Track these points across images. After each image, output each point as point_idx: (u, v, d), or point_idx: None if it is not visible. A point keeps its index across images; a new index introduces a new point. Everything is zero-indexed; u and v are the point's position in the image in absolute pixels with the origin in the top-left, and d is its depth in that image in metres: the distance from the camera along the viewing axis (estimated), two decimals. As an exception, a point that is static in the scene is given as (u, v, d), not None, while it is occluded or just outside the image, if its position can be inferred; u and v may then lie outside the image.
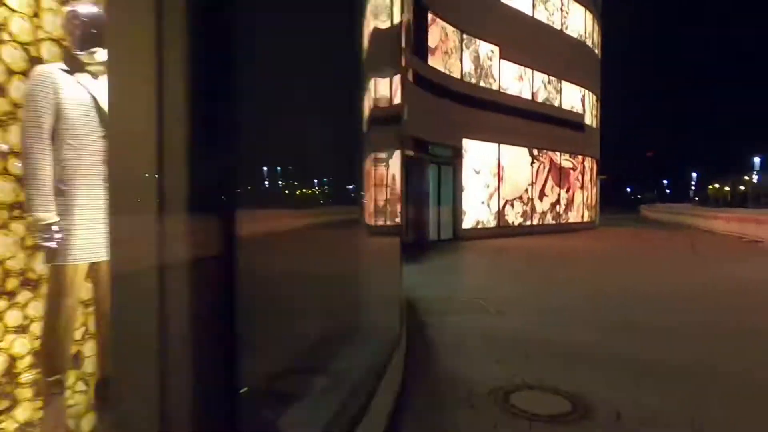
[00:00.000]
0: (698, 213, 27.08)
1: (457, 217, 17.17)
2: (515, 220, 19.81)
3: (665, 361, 4.38)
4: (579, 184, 23.66)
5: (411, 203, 14.45)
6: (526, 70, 20.01)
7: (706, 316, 6.14)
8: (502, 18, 18.72)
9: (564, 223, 22.54)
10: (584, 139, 23.80)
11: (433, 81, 15.36)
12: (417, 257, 12.06)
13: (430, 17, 15.26)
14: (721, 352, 4.70)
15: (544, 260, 12.55)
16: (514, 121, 19.38)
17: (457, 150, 17.06)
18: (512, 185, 19.57)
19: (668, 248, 16.03)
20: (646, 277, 9.49)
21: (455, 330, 5.42)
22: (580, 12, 23.17)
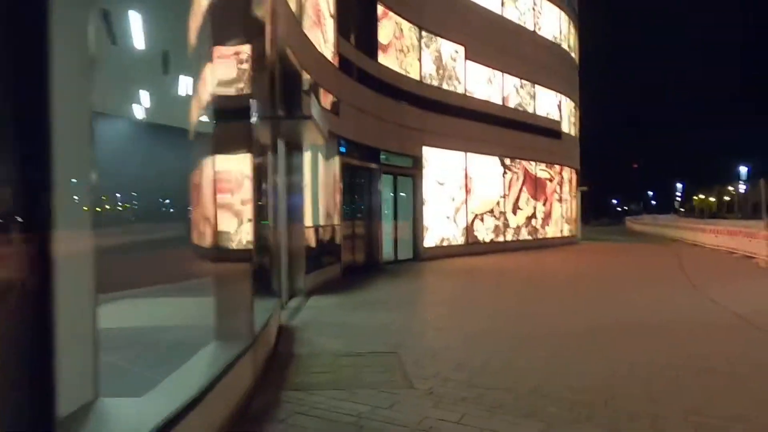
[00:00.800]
0: (685, 225, 25.55)
1: (418, 234, 15.35)
2: (486, 237, 18.03)
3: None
4: (557, 196, 22.01)
5: (354, 218, 12.60)
6: (496, 72, 18.42)
7: (709, 390, 4.33)
8: (468, 16, 17.15)
9: (541, 239, 20.81)
10: (562, 148, 22.22)
11: (385, 81, 13.64)
12: (354, 284, 10.18)
13: (381, 10, 13.60)
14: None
15: (511, 285, 10.74)
16: (483, 127, 17.72)
17: (417, 159, 15.31)
18: (482, 198, 17.83)
19: (653, 267, 14.33)
20: (629, 310, 7.70)
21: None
22: (555, 13, 21.75)
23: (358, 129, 12.27)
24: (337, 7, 11.10)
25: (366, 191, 13.26)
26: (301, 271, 8.64)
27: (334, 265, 10.84)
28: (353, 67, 11.99)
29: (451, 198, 16.52)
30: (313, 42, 9.63)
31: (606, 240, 27.45)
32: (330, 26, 10.84)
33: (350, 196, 12.45)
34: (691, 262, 14.78)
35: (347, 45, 11.68)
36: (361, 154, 12.75)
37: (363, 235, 12.92)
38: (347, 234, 11.95)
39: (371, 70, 13.02)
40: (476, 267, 14.03)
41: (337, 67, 11.03)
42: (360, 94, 12.41)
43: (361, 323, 6.61)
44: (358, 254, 12.61)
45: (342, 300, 8.50)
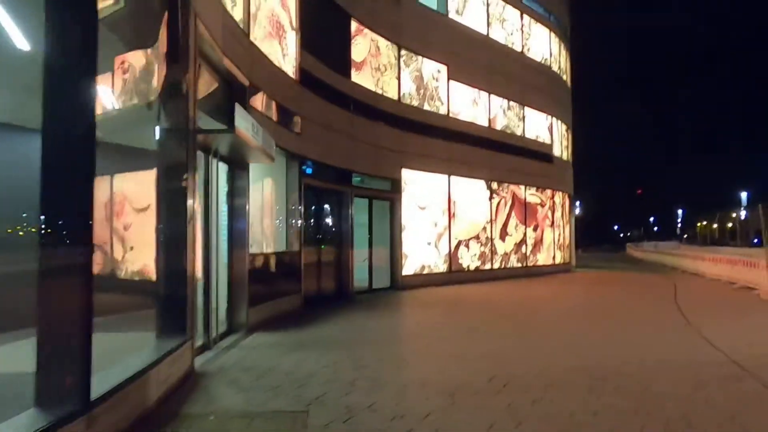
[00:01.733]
0: (684, 253, 24.55)
1: (396, 262, 14.43)
2: (471, 264, 17.09)
3: None
4: (549, 222, 21.12)
5: (320, 244, 11.72)
6: (482, 93, 17.77)
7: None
8: (451, 35, 16.59)
9: (532, 266, 19.84)
10: (553, 172, 21.43)
11: (358, 100, 12.94)
12: (313, 318, 9.24)
13: (355, 26, 13.00)
14: None
15: (487, 320, 9.77)
16: (468, 149, 16.98)
17: (395, 182, 14.51)
18: (467, 223, 16.96)
19: (647, 300, 13.33)
20: (611, 352, 6.73)
21: None
22: (544, 34, 21.25)
23: (326, 149, 11.51)
24: (302, 21, 10.47)
25: (335, 215, 12.43)
26: (242, 304, 7.74)
27: (292, 296, 9.92)
28: (321, 83, 11.29)
29: (432, 223, 15.66)
30: (266, 54, 8.93)
31: (603, 268, 26.40)
32: (292, 40, 10.18)
33: (316, 221, 11.62)
34: (688, 293, 13.78)
35: (313, 60, 11.01)
36: (329, 175, 11.97)
37: (331, 263, 12.03)
38: (311, 261, 11.06)
39: (343, 88, 12.34)
40: (456, 297, 13.07)
41: (298, 83, 10.33)
42: (329, 113, 11.69)
43: (290, 368, 5.68)
44: (325, 283, 11.69)
45: (286, 337, 7.56)
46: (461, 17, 17.04)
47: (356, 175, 13.22)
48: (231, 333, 7.56)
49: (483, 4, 17.97)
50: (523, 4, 19.89)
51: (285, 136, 9.85)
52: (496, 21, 18.54)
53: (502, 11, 18.82)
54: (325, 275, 11.69)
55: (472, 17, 17.45)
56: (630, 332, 8.19)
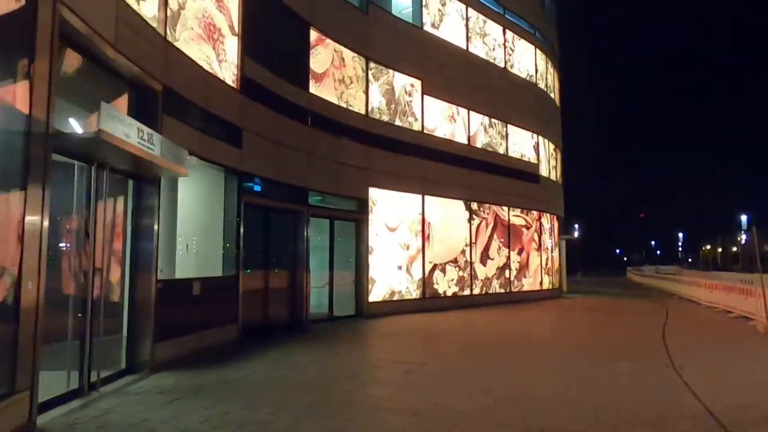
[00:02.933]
0: (681, 278, 23.33)
1: (362, 287, 13.36)
2: (448, 289, 15.97)
3: None
4: (535, 245, 20.02)
5: (267, 268, 10.67)
6: (460, 109, 16.92)
7: None
8: (425, 48, 15.82)
9: (517, 292, 18.68)
10: (540, 193, 20.44)
11: (318, 113, 12.07)
12: (245, 352, 8.18)
13: (315, 36, 12.20)
14: None
15: (443, 355, 8.68)
16: (445, 168, 16.04)
17: (362, 201, 13.54)
18: (443, 246, 15.91)
19: (632, 332, 12.18)
20: (575, 400, 5.64)
21: None
22: (529, 50, 20.51)
23: (276, 165, 10.59)
24: (246, 26, 9.66)
25: (288, 236, 11.42)
26: (145, 338, 6.70)
27: (225, 327, 8.87)
28: (270, 94, 10.43)
29: (404, 245, 14.62)
30: (194, 58, 8.08)
31: (596, 294, 25.17)
32: (232, 45, 9.35)
33: (262, 243, 10.61)
34: (679, 325, 12.61)
35: (261, 69, 10.16)
36: (280, 193, 11.02)
37: (281, 289, 10.98)
38: (254, 287, 10.03)
39: (298, 100, 11.47)
40: (427, 327, 11.98)
41: (239, 92, 9.46)
42: (281, 126, 10.81)
43: (157, 424, 4.62)
44: (274, 311, 10.62)
45: (192, 379, 6.49)
46: (437, 30, 16.31)
47: (315, 194, 12.27)
48: (129, 373, 6.51)
49: (462, 18, 17.26)
50: (506, 18, 19.20)
51: (220, 149, 8.94)
52: (476, 35, 17.81)
53: (483, 25, 18.11)
54: (273, 302, 10.64)
55: (449, 31, 16.72)
56: (600, 373, 7.08)
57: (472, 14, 17.64)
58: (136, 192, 6.80)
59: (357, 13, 13.77)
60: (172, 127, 7.32)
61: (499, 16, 18.88)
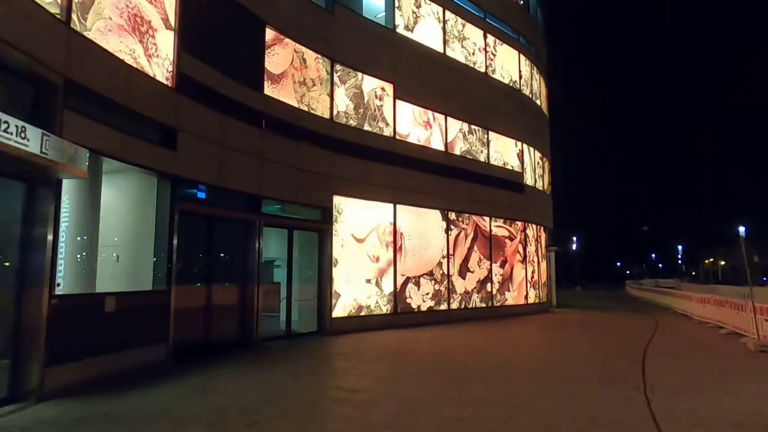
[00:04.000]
0: (675, 292, 22.38)
1: (324, 302, 12.51)
2: (423, 304, 15.09)
3: None
4: (520, 257, 19.14)
5: (210, 282, 9.83)
6: (436, 114, 16.19)
7: None
8: (398, 51, 15.15)
9: (499, 306, 17.77)
10: (525, 203, 19.61)
11: (275, 116, 11.35)
12: (182, 374, 7.34)
13: (272, 35, 11.53)
14: None
15: (402, 385, 7.81)
16: (420, 176, 15.27)
17: (326, 210, 12.75)
18: (417, 257, 15.07)
19: (612, 351, 11.28)
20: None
21: None
22: (513, 56, 19.84)
23: (221, 170, 9.83)
24: (185, 20, 8.98)
25: (237, 247, 10.61)
26: (33, 362, 5.88)
27: (150, 347, 8.04)
28: (214, 94, 9.71)
29: (373, 257, 13.79)
30: (112, 51, 7.37)
31: (588, 308, 24.19)
32: (166, 40, 8.65)
33: (206, 254, 9.81)
34: (665, 342, 11.71)
35: (204, 67, 9.46)
36: (227, 201, 10.25)
37: (228, 304, 10.14)
38: (191, 303, 9.20)
39: (251, 102, 10.76)
40: (396, 346, 11.11)
41: (174, 90, 8.73)
42: (229, 129, 10.07)
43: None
44: (217, 329, 9.77)
45: (81, 410, 5.66)
46: (412, 33, 15.65)
47: (271, 202, 11.51)
48: (11, 401, 5.68)
49: (438, 21, 16.62)
50: (486, 23, 18.56)
51: (149, 151, 8.20)
52: (454, 39, 17.15)
53: (462, 29, 17.47)
54: (218, 319, 9.79)
55: (425, 34, 16.07)
56: (558, 400, 6.20)
57: (449, 17, 17.00)
58: (27, 197, 6.03)
59: (321, 13, 13.12)
60: (79, 125, 6.58)
61: (479, 19, 18.24)
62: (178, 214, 8.68)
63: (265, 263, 12.74)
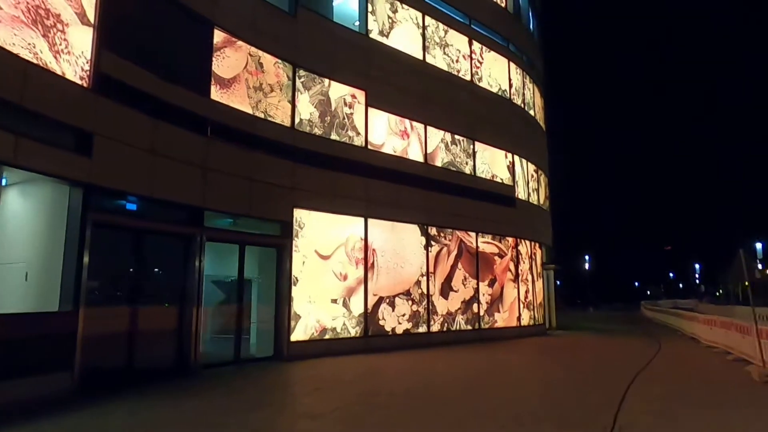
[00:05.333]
0: (683, 314, 20.79)
1: (281, 324, 11.47)
2: (398, 326, 13.95)
3: None
4: (511, 276, 17.89)
5: (136, 302, 8.88)
6: (414, 123, 15.27)
7: None
8: (372, 58, 14.35)
9: (488, 329, 16.50)
10: (516, 217, 18.44)
11: (223, 123, 10.53)
12: (77, 409, 6.37)
13: (221, 36, 10.79)
14: None
15: (324, 427, 6.73)
16: (396, 188, 14.29)
17: (286, 225, 11.82)
18: (392, 275, 13.99)
19: (597, 380, 10.02)
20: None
21: None
22: (501, 63, 18.93)
23: (152, 179, 8.98)
24: (106, 16, 8.26)
25: (173, 265, 9.70)
26: None
27: (49, 376, 7.10)
28: (146, 97, 8.94)
29: (340, 275, 12.76)
30: (3, 45, 6.63)
31: (592, 330, 22.67)
32: (82, 36, 7.92)
33: (132, 272, 8.90)
34: (660, 370, 10.38)
35: (132, 67, 8.71)
36: (162, 213, 9.39)
37: (157, 328, 9.18)
38: (107, 326, 8.26)
39: (193, 107, 9.96)
40: (348, 371, 10.04)
41: (90, 90, 7.96)
42: (163, 135, 9.26)
43: None
44: (145, 354, 8.78)
45: None
46: (387, 39, 14.86)
47: (221, 215, 10.63)
48: None
49: (417, 27, 15.82)
50: (472, 29, 17.72)
51: (55, 157, 7.40)
52: (435, 45, 16.32)
53: (444, 35, 16.64)
54: (145, 344, 8.82)
55: (402, 40, 15.27)
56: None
57: (430, 23, 16.21)
58: None
59: (281, 16, 12.39)
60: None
61: (463, 26, 17.42)
62: (91, 227, 7.81)
63: (218, 282, 11.88)
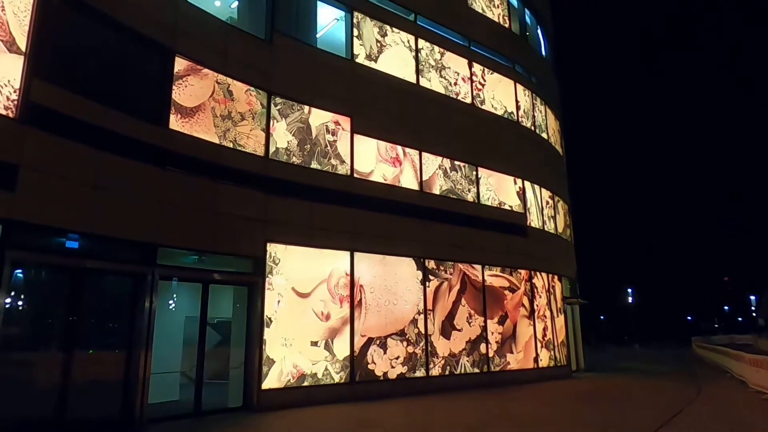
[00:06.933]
0: (729, 353, 18.43)
1: (251, 370, 10.42)
2: (391, 371, 12.63)
3: None
4: (525, 312, 16.28)
5: (64, 348, 8.07)
6: (408, 150, 14.35)
7: None
8: (358, 83, 13.66)
9: (499, 372, 14.88)
10: (529, 248, 16.95)
11: (182, 153, 9.92)
12: None
13: (184, 64, 10.32)
14: None
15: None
16: (387, 219, 13.29)
17: (258, 261, 10.95)
18: (383, 314, 12.79)
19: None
20: None
21: None
22: (507, 85, 17.92)
23: (93, 214, 8.34)
24: (40, 43, 7.86)
25: (119, 306, 8.92)
26: None
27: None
28: (87, 127, 8.42)
29: (321, 314, 11.68)
30: None
31: (627, 371, 20.44)
32: (9, 64, 7.51)
33: (64, 314, 8.14)
34: (687, 424, 8.64)
35: (68, 96, 8.23)
36: (107, 250, 8.69)
37: (95, 375, 8.32)
38: (26, 373, 7.47)
39: (148, 137, 9.40)
40: (333, 428, 8.83)
41: (15, 121, 7.47)
42: (110, 167, 8.68)
43: None
44: (73, 405, 7.88)
45: None
46: (375, 63, 14.19)
47: (181, 252, 9.89)
48: None
49: (410, 50, 15.12)
50: (471, 51, 16.90)
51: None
52: (430, 68, 15.53)
53: (440, 58, 15.87)
54: (77, 393, 7.94)
55: (392, 63, 14.56)
56: None
57: (423, 45, 15.49)
58: None
59: (255, 43, 11.93)
60: None
61: (462, 48, 16.62)
62: (9, 265, 7.16)
63: (192, 322, 11.03)
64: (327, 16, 14.00)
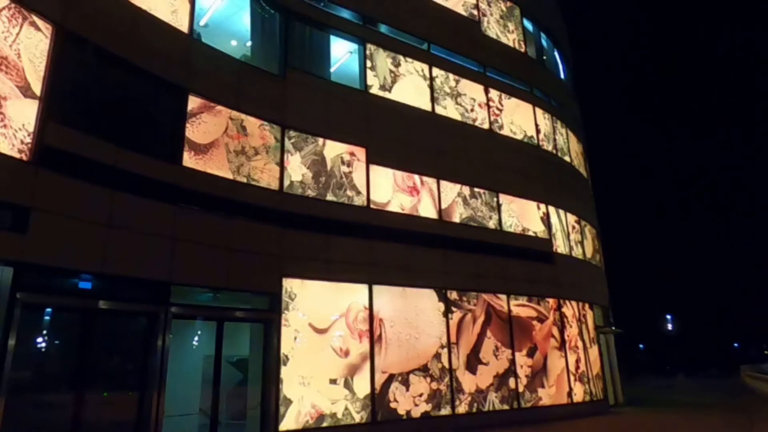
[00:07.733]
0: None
1: (267, 411, 10.06)
2: (414, 409, 12.06)
3: None
4: (555, 343, 15.52)
5: (74, 390, 7.90)
6: (425, 178, 14.10)
7: None
8: (372, 113, 13.59)
9: (530, 408, 14.08)
10: (556, 275, 16.29)
11: (196, 190, 9.91)
12: None
13: (197, 102, 10.44)
14: None
15: None
16: (404, 250, 12.97)
17: (274, 297, 10.73)
18: (405, 349, 12.32)
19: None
20: None
21: None
22: (526, 109, 17.64)
23: (107, 254, 8.32)
24: (54, 88, 8.03)
25: (132, 347, 8.77)
26: None
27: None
28: (100, 168, 8.49)
29: (340, 351, 11.31)
30: None
31: (671, 404, 19.17)
32: (23, 109, 7.65)
33: (74, 356, 8.02)
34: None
35: (82, 138, 8.35)
36: (119, 290, 8.61)
37: (107, 418, 8.12)
38: (36, 417, 7.30)
39: (161, 176, 9.43)
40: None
41: (29, 163, 7.56)
42: (123, 207, 8.70)
43: None
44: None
45: None
46: (389, 93, 14.16)
47: (195, 290, 9.76)
48: None
49: (424, 79, 15.06)
50: (488, 77, 16.75)
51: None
52: (445, 96, 15.41)
53: (455, 85, 15.76)
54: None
55: (406, 93, 14.50)
56: None
57: (438, 73, 15.42)
58: None
59: (269, 78, 12.03)
60: None
61: (477, 74, 16.49)
62: (21, 308, 7.11)
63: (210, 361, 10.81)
64: (340, 50, 14.11)
